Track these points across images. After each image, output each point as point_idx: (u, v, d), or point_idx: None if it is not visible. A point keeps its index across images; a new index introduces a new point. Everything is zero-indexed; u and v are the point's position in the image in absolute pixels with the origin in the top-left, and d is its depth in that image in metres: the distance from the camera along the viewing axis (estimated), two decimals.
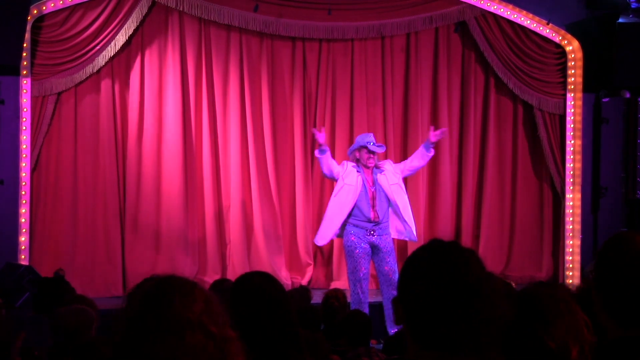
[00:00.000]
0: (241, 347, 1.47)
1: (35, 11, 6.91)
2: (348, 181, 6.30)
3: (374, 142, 6.37)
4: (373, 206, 6.30)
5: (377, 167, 6.39)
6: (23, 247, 6.97)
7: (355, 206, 6.29)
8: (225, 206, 7.87)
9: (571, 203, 8.16)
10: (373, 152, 6.33)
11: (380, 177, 6.34)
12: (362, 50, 8.18)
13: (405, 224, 6.38)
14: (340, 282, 7.74)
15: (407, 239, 6.53)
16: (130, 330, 1.42)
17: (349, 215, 6.31)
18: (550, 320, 1.85)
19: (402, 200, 6.38)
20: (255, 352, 1.82)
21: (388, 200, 6.35)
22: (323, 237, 6.41)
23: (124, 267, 7.48)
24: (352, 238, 6.28)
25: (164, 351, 1.38)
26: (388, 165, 6.48)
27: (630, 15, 7.80)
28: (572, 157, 8.18)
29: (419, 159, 6.50)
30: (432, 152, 6.47)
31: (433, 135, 6.42)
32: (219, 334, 1.43)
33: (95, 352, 2.93)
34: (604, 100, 8.21)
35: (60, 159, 7.33)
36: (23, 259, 6.92)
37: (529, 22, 8.02)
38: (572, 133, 8.19)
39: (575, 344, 1.83)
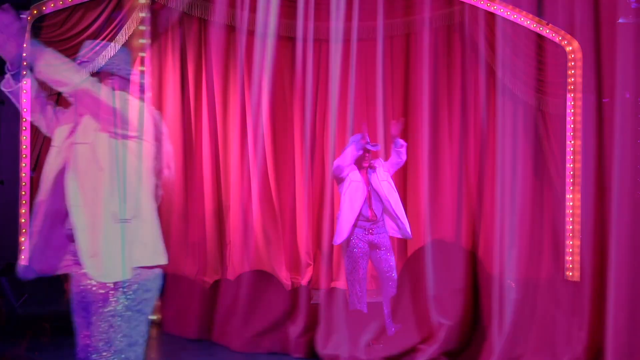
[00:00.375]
0: None
1: (35, 11, 6.91)
2: (354, 178, 6.35)
3: (368, 141, 6.44)
4: (370, 205, 6.33)
5: (370, 167, 6.43)
6: (23, 247, 6.96)
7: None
8: (225, 206, 7.87)
9: (571, 203, 8.16)
10: (368, 151, 6.37)
11: (373, 176, 6.38)
12: (362, 50, 8.18)
13: (398, 220, 6.40)
14: (340, 282, 7.74)
15: (401, 236, 6.55)
16: None
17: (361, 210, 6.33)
18: None
19: (393, 197, 6.42)
20: None
21: (381, 198, 6.38)
22: (340, 235, 6.40)
23: None
24: (351, 238, 6.29)
25: None
26: (378, 164, 6.53)
27: (630, 16, 7.80)
28: (572, 157, 8.17)
29: (394, 156, 6.56)
30: (400, 145, 6.52)
31: (392, 128, 6.48)
32: None
33: None
34: (604, 100, 8.20)
35: None
36: (23, 259, 6.91)
37: (528, 22, 8.01)
38: (572, 133, 8.19)
39: None
